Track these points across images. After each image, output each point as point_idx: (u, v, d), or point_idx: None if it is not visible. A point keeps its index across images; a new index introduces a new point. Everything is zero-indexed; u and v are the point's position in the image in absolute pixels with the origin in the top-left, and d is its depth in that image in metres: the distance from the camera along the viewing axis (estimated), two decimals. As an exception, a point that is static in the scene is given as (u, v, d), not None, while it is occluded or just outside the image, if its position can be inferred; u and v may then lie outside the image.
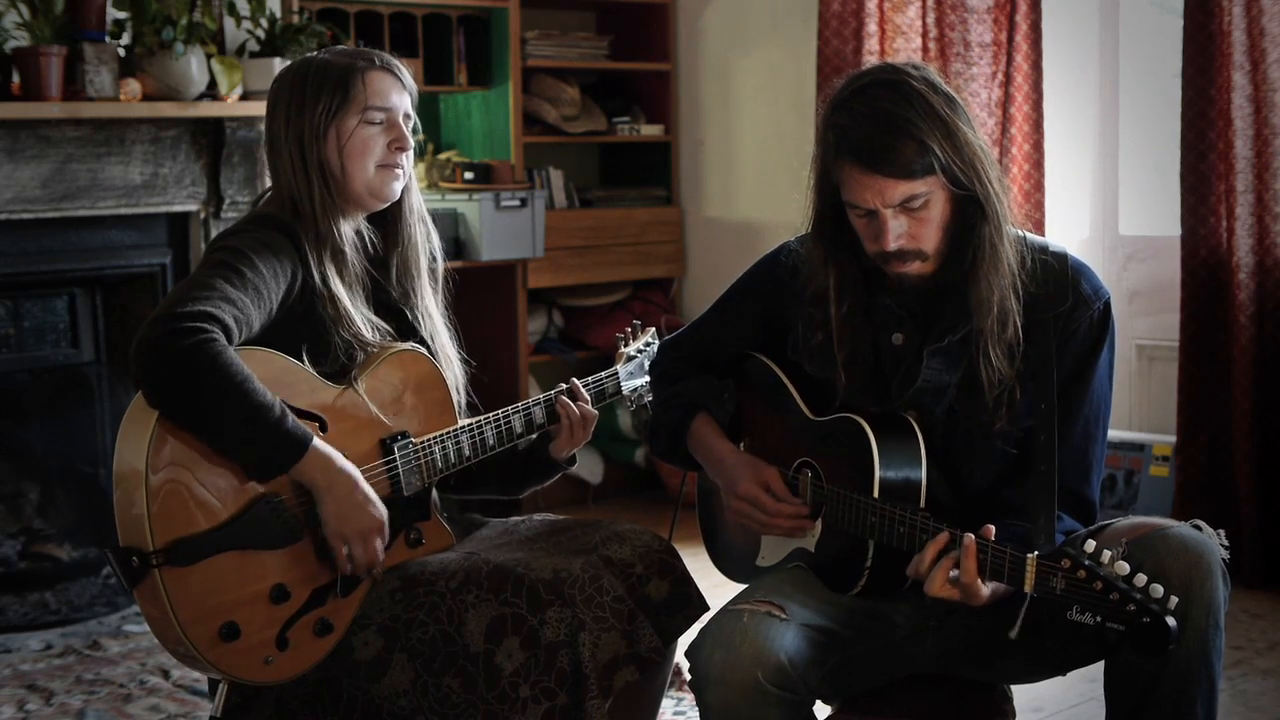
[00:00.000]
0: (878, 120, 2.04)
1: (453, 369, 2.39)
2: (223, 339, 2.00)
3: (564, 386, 2.43)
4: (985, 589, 1.98)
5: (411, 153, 2.32)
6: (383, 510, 2.13)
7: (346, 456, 2.12)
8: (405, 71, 2.33)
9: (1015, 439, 2.14)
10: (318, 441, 2.07)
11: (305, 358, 2.17)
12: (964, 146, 2.06)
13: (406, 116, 2.30)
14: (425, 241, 2.40)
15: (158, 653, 3.62)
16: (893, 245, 2.07)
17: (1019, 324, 2.11)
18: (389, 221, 2.37)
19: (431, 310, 2.40)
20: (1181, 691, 1.97)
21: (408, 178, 2.33)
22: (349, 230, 2.30)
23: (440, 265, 2.44)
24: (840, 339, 2.19)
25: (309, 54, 2.36)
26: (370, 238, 2.34)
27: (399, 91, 2.29)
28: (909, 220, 2.07)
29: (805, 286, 2.23)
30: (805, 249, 2.24)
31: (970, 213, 2.10)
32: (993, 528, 1.99)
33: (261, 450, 2.03)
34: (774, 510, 2.21)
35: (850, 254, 2.18)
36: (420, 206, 2.40)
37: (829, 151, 2.10)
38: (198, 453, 2.03)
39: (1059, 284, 2.14)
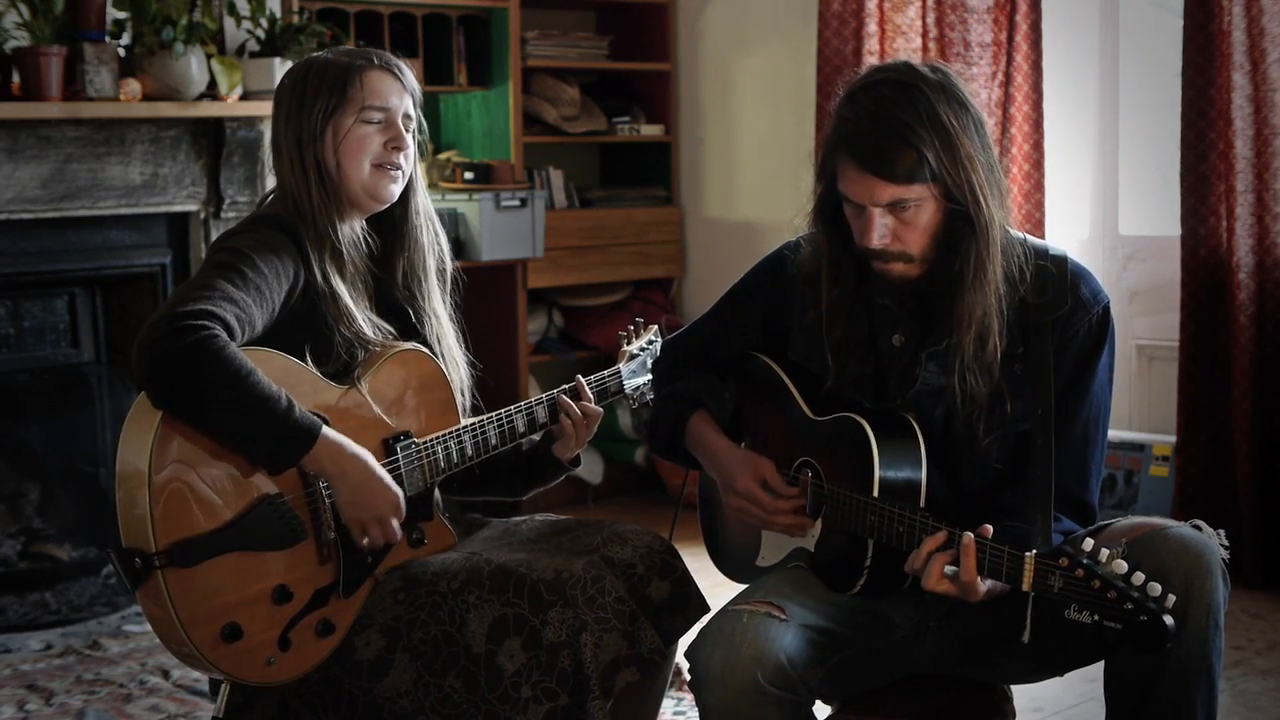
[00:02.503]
0: (878, 120, 2.04)
1: (459, 372, 2.39)
2: (224, 336, 2.00)
3: (566, 387, 2.44)
4: (983, 586, 1.99)
5: (412, 153, 2.31)
6: (397, 490, 2.14)
7: None
8: (408, 72, 2.32)
9: (1005, 454, 2.14)
10: (327, 430, 2.07)
11: (308, 358, 2.17)
12: (963, 161, 2.05)
13: (407, 117, 2.29)
14: (433, 244, 2.39)
15: (158, 653, 3.62)
16: (875, 243, 2.08)
17: (1000, 345, 2.10)
18: (393, 223, 2.36)
19: (439, 313, 2.40)
20: (1181, 692, 1.97)
21: (406, 179, 2.32)
22: (348, 231, 2.29)
23: (449, 268, 2.44)
24: (830, 319, 2.20)
25: (314, 53, 2.36)
26: (369, 239, 2.34)
27: (399, 92, 2.29)
28: (895, 222, 2.07)
29: (802, 268, 2.24)
30: (807, 229, 2.25)
31: (961, 225, 2.09)
32: (990, 528, 1.99)
33: (270, 442, 2.03)
34: (772, 507, 2.22)
35: (844, 241, 2.19)
36: (427, 208, 2.39)
37: (831, 141, 2.11)
38: (201, 453, 2.03)
39: (1058, 288, 2.14)
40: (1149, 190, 4.50)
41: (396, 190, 2.30)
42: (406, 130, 2.29)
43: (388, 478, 2.14)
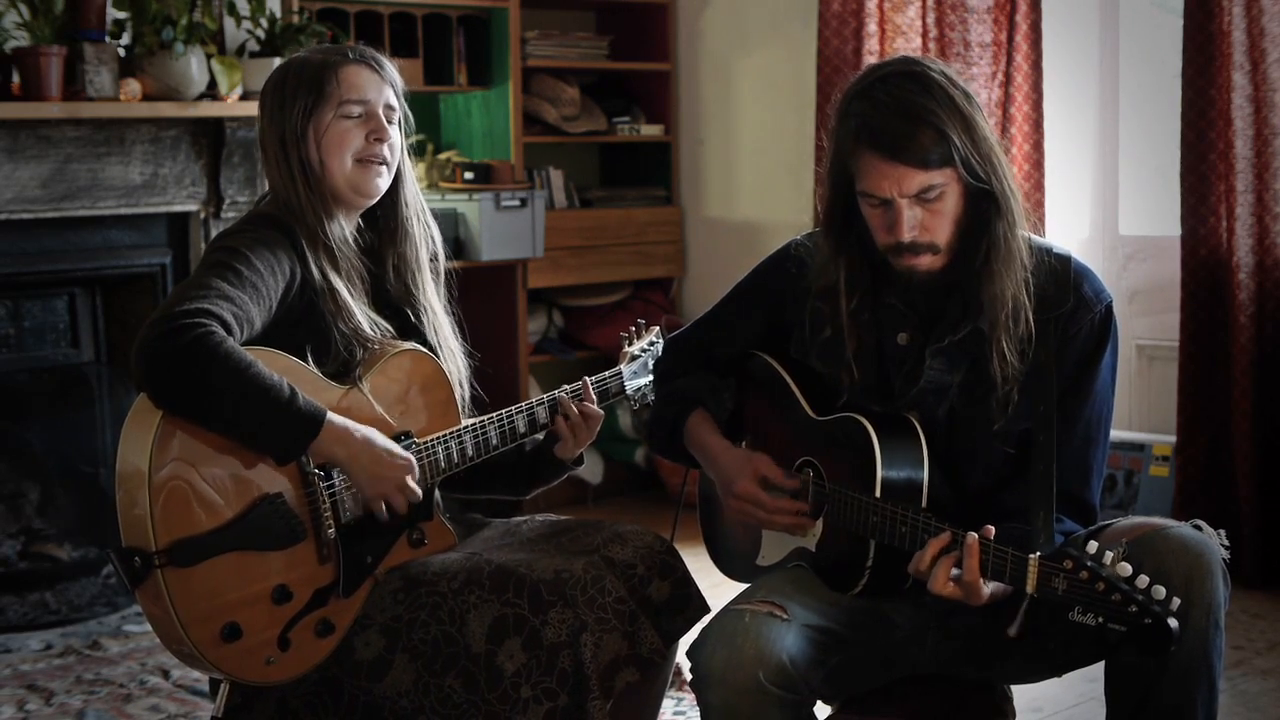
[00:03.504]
0: (900, 109, 2.05)
1: (455, 362, 2.39)
2: (221, 332, 2.00)
3: (567, 387, 2.43)
4: (986, 589, 1.99)
5: (396, 144, 2.30)
6: (407, 456, 2.16)
7: None
8: (387, 63, 2.32)
9: (1015, 438, 2.15)
10: (332, 415, 2.08)
11: (309, 358, 2.17)
12: (982, 141, 2.08)
13: (389, 108, 2.29)
14: (424, 236, 2.39)
15: (158, 653, 3.62)
16: (907, 236, 2.07)
17: (1030, 320, 2.11)
18: (383, 217, 2.36)
19: (433, 304, 2.40)
20: (1182, 692, 1.97)
21: (393, 171, 2.31)
22: (339, 229, 2.29)
23: (441, 258, 2.44)
24: (849, 334, 2.19)
25: (295, 54, 2.35)
26: (362, 236, 2.34)
27: (377, 85, 2.28)
28: (923, 212, 2.07)
29: (814, 281, 2.23)
30: (815, 243, 2.24)
31: (983, 208, 2.10)
32: (993, 529, 1.99)
33: (276, 432, 2.03)
34: (773, 507, 2.21)
35: (859, 248, 2.18)
36: (416, 201, 2.39)
37: (847, 140, 2.10)
38: (201, 452, 2.03)
39: (1061, 286, 2.14)
40: (1149, 190, 4.50)
41: (383, 184, 2.29)
42: (389, 121, 2.29)
43: (394, 446, 2.15)
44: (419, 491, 2.18)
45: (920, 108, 2.04)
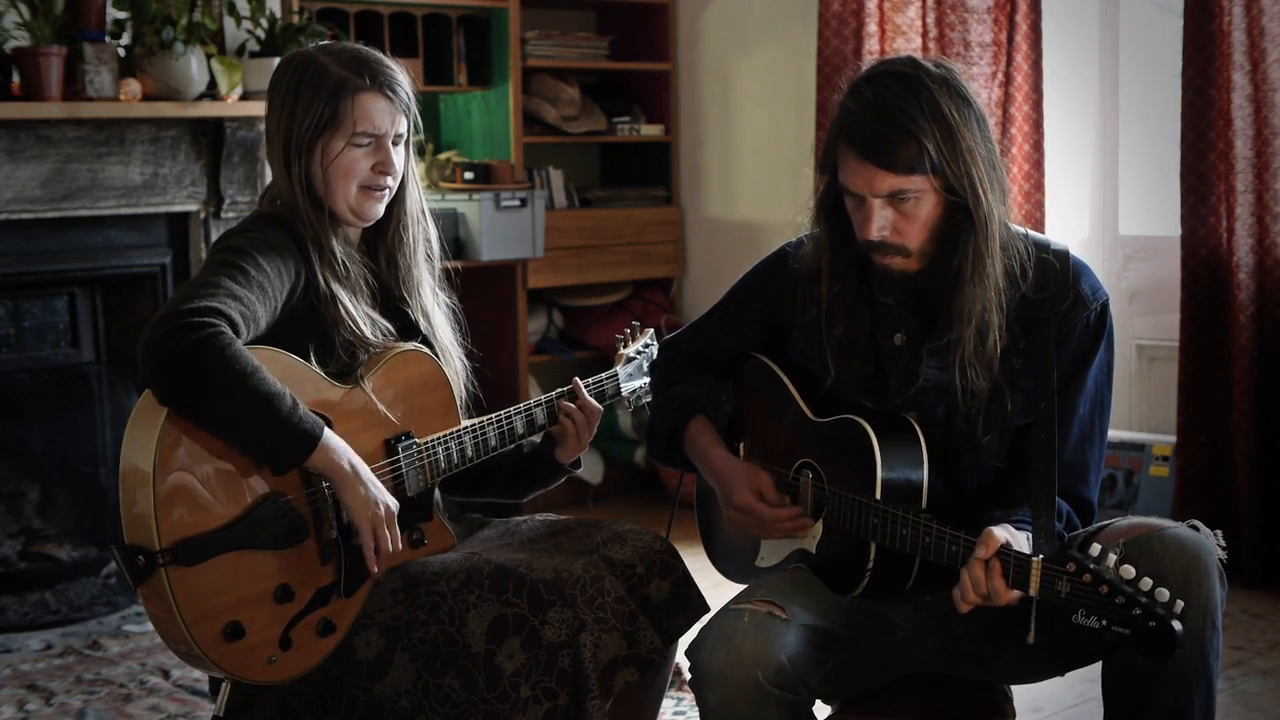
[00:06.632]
0: (880, 111, 2.05)
1: (453, 363, 2.39)
2: (230, 333, 2.00)
3: (564, 390, 2.43)
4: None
5: (402, 163, 2.29)
6: (387, 499, 2.13)
7: None
8: (403, 86, 2.28)
9: (1004, 450, 2.14)
10: (329, 433, 2.07)
11: (313, 357, 2.17)
12: (963, 153, 2.05)
13: (399, 135, 2.27)
14: (422, 237, 2.39)
15: (158, 653, 3.62)
16: (875, 235, 2.08)
17: (1000, 341, 2.10)
18: (383, 225, 2.36)
19: (429, 305, 2.40)
20: (1179, 692, 1.98)
21: (393, 194, 2.30)
22: (344, 237, 2.29)
23: (437, 258, 2.43)
24: (829, 317, 2.20)
25: (311, 49, 2.31)
26: (366, 235, 2.34)
27: (391, 113, 2.25)
28: (895, 214, 2.08)
29: (806, 263, 2.24)
30: (810, 225, 2.25)
31: (961, 220, 2.10)
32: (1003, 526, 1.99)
33: (274, 443, 2.03)
34: (770, 517, 2.22)
35: (844, 237, 2.19)
36: (415, 206, 2.37)
37: (834, 132, 2.12)
38: (205, 452, 2.03)
39: (1059, 283, 2.14)
40: (1149, 190, 4.50)
41: (381, 209, 2.29)
42: (396, 146, 2.27)
43: (378, 489, 2.12)
44: (397, 543, 2.13)
45: (900, 113, 2.04)
